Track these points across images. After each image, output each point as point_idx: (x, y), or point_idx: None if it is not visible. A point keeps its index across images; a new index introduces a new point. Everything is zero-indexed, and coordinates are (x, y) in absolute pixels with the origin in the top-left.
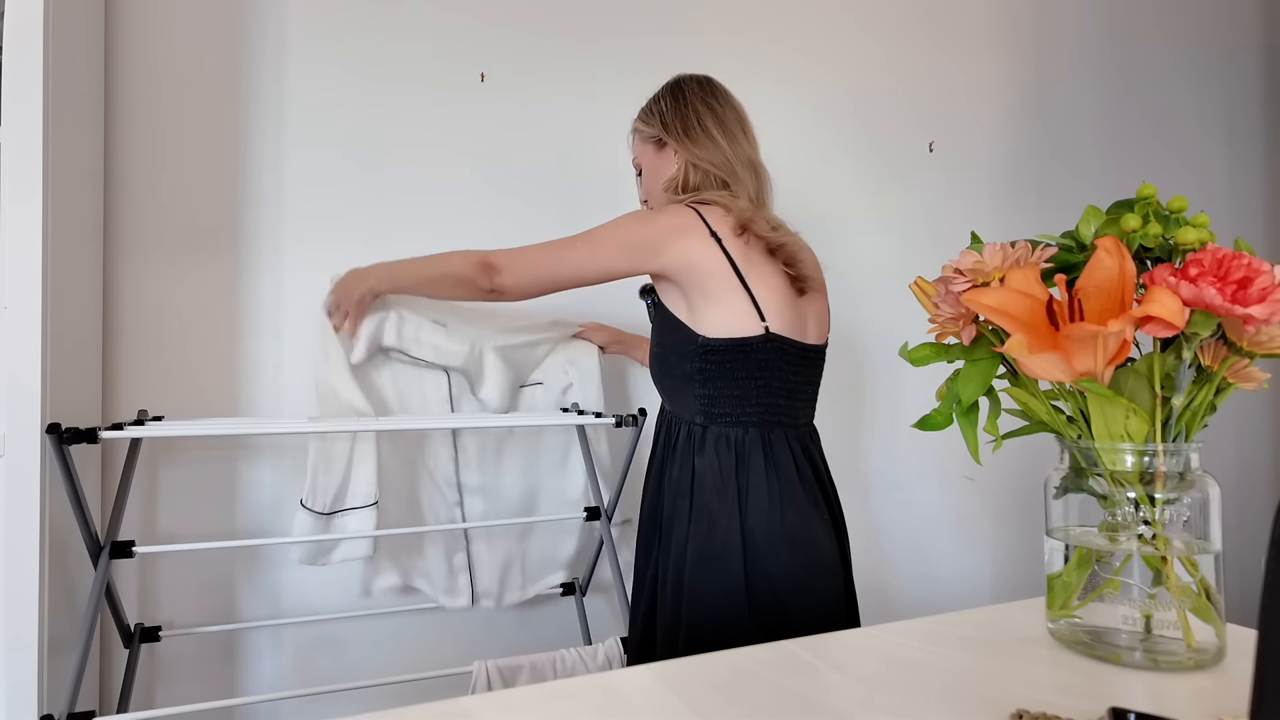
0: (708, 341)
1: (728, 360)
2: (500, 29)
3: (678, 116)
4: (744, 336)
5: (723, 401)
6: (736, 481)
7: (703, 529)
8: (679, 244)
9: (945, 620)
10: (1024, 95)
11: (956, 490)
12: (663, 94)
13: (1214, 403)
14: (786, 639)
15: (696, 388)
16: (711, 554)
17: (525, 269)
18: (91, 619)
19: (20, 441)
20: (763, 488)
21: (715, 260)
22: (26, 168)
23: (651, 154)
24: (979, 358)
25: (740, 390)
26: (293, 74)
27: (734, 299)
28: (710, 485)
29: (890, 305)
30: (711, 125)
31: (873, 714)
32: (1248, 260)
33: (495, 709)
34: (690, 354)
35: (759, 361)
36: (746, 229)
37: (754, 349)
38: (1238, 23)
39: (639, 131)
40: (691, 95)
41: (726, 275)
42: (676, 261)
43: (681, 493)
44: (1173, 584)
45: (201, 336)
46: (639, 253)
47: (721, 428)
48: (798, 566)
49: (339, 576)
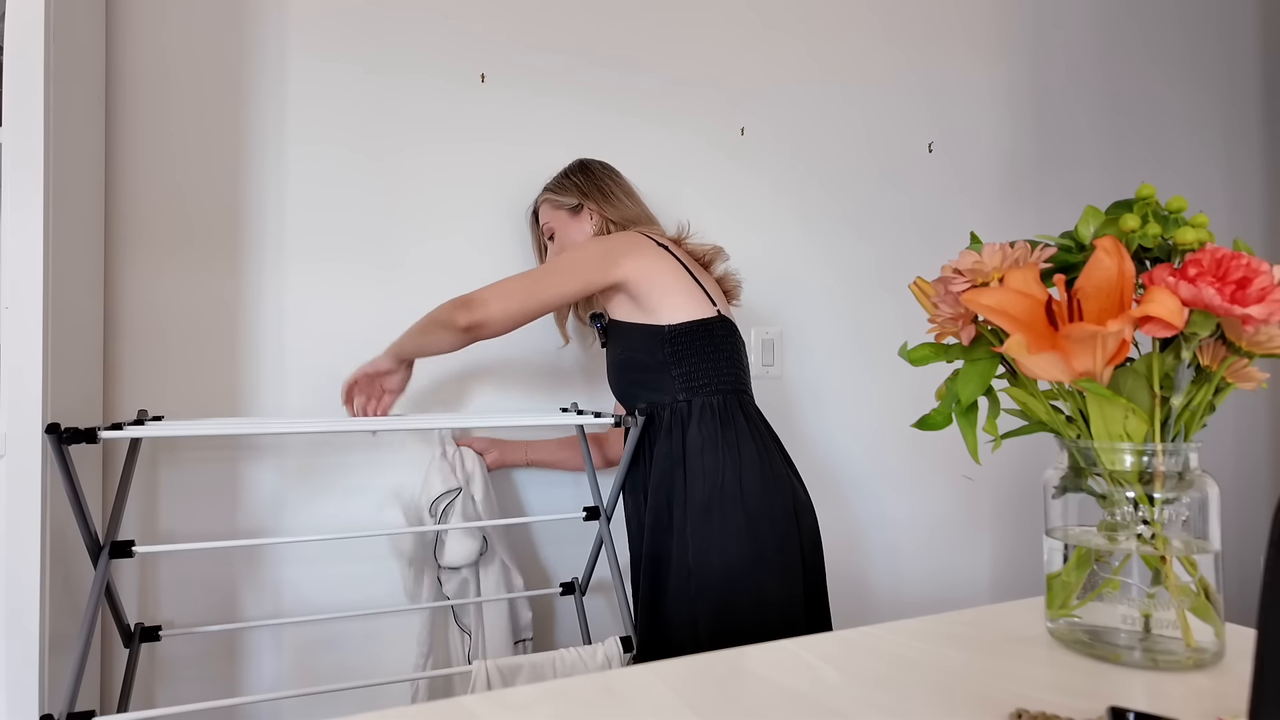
0: (674, 327)
1: (694, 339)
2: (501, 29)
3: (591, 184)
4: (703, 318)
5: (698, 375)
6: (725, 440)
7: (699, 486)
8: (636, 251)
9: (944, 619)
10: (1023, 95)
11: (956, 490)
12: (571, 171)
13: (1213, 403)
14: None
15: (673, 368)
16: (712, 504)
17: (509, 299)
18: (91, 618)
19: (21, 441)
20: (749, 442)
21: (668, 261)
22: (28, 168)
23: (566, 219)
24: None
25: (710, 363)
26: (293, 74)
27: (689, 290)
28: (702, 447)
29: (890, 305)
30: (619, 192)
31: (872, 714)
32: (1246, 260)
33: (495, 708)
34: (660, 343)
35: (719, 338)
36: (679, 243)
37: (713, 327)
38: (1237, 23)
39: (552, 201)
40: (598, 170)
41: (679, 271)
42: (637, 266)
43: (675, 461)
44: (1172, 583)
45: (202, 336)
46: (606, 262)
47: (704, 398)
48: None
49: (339, 576)
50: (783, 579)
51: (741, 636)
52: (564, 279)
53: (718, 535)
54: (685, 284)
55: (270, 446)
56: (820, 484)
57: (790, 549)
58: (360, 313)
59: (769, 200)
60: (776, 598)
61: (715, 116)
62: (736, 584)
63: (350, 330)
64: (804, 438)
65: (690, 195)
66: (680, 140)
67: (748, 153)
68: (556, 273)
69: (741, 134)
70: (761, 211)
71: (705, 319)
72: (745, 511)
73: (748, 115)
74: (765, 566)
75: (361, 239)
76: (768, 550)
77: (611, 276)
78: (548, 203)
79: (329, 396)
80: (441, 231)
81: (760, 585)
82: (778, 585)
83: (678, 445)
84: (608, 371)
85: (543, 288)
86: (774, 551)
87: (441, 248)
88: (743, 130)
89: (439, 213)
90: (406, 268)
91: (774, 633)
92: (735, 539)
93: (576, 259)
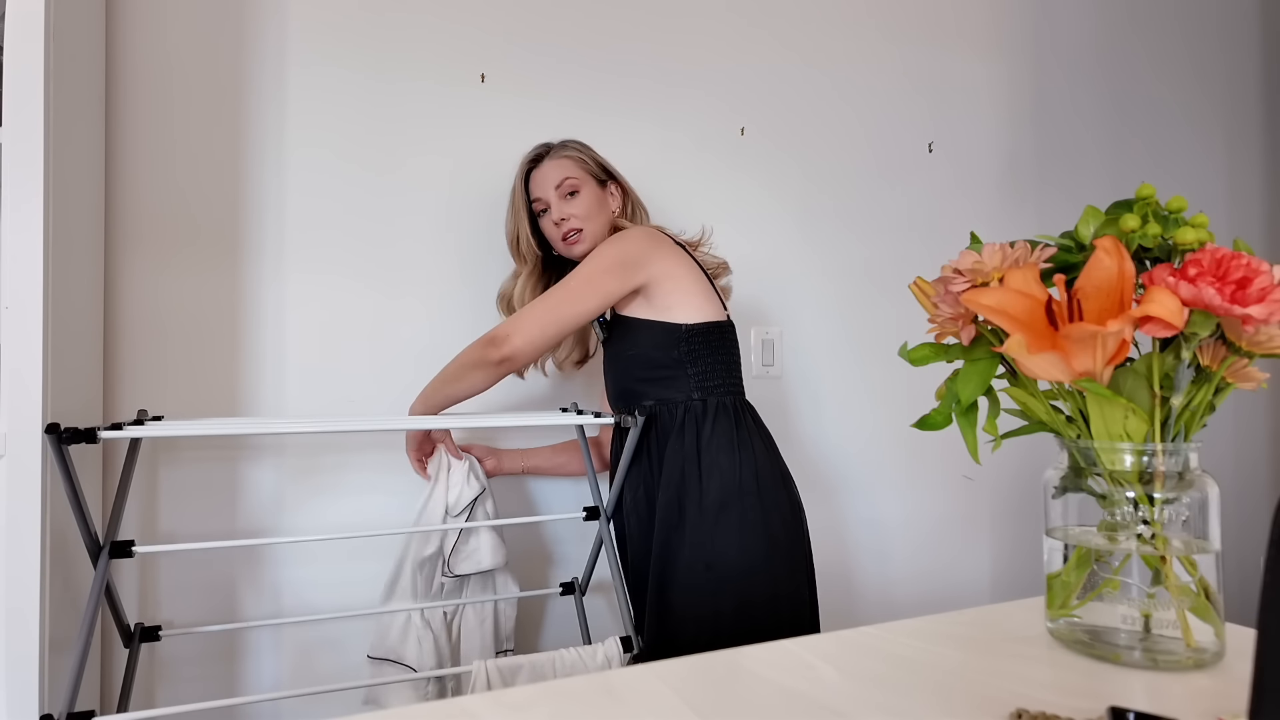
0: (691, 327)
1: (709, 340)
2: (501, 30)
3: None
4: (716, 320)
5: (713, 375)
6: (739, 439)
7: (715, 483)
8: (656, 253)
9: (944, 619)
10: (1023, 95)
11: (956, 490)
12: (584, 146)
13: (1213, 403)
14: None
15: (689, 367)
16: (729, 501)
17: (532, 326)
18: (91, 618)
19: (21, 441)
20: (759, 441)
21: (687, 263)
22: (28, 168)
23: (594, 186)
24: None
25: (723, 365)
26: (294, 74)
27: (705, 292)
28: (717, 446)
29: (890, 305)
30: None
31: (872, 713)
32: (1246, 260)
33: (495, 708)
34: (676, 340)
35: (729, 341)
36: (695, 247)
37: (725, 330)
38: (1237, 22)
39: (580, 160)
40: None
41: (698, 274)
42: (658, 268)
43: (689, 459)
44: (1172, 583)
45: (202, 336)
46: (627, 270)
47: (718, 398)
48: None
49: (339, 577)
50: (792, 573)
51: (762, 631)
52: (583, 298)
53: (736, 532)
54: (703, 285)
55: (270, 446)
56: (820, 483)
57: (798, 544)
58: (360, 313)
59: (769, 199)
60: (787, 591)
61: (715, 116)
62: (755, 580)
63: (350, 330)
64: (804, 437)
65: (690, 195)
66: (680, 140)
67: (748, 153)
68: (574, 292)
69: (741, 134)
70: (761, 211)
71: (719, 321)
72: (762, 508)
73: (748, 115)
74: (780, 561)
75: (361, 239)
76: (782, 546)
77: (634, 282)
78: (572, 159)
79: (329, 396)
80: (441, 231)
81: (775, 579)
82: (789, 578)
83: (691, 443)
84: (607, 366)
85: (563, 311)
86: (786, 547)
87: (441, 247)
88: (743, 130)
89: (439, 212)
90: (406, 267)
91: (785, 626)
92: (754, 534)
93: (593, 274)
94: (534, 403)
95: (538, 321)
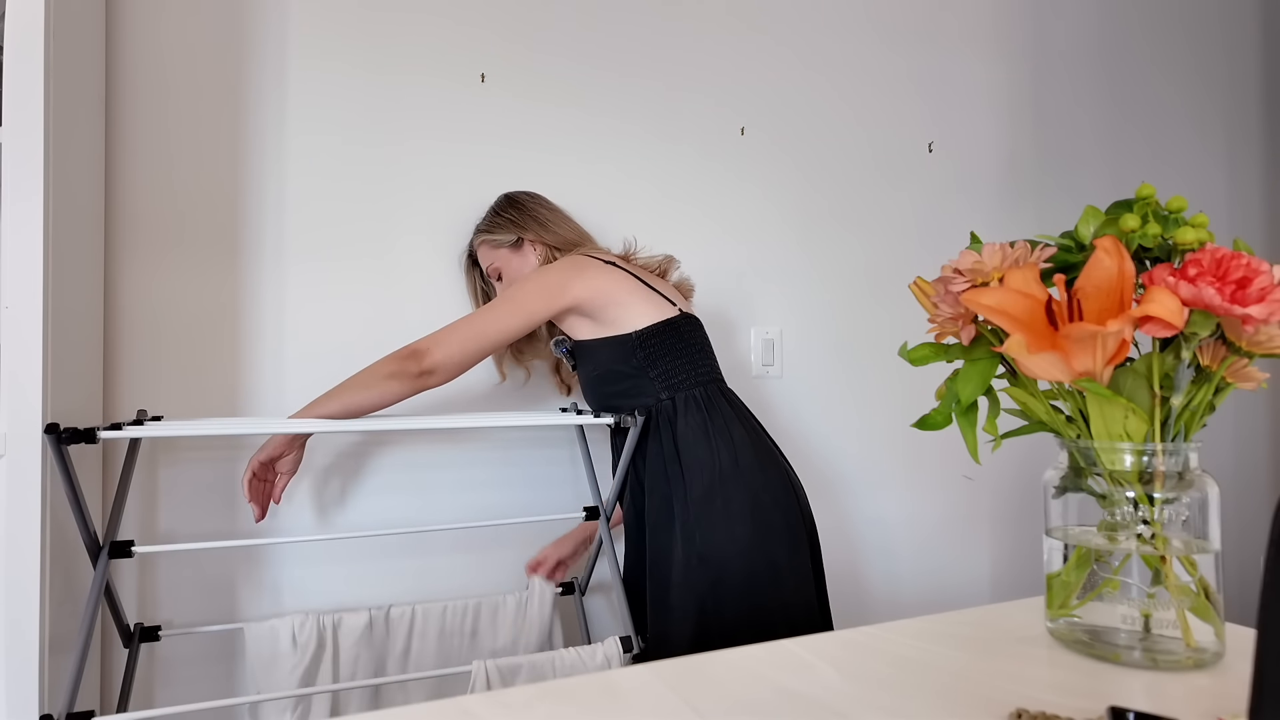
0: (640, 332)
1: (664, 339)
2: (500, 30)
3: (525, 215)
4: (667, 318)
5: (676, 372)
6: (715, 428)
7: (697, 477)
8: (581, 274)
9: (944, 619)
10: (1023, 95)
11: (956, 490)
12: (500, 208)
13: (1213, 402)
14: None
15: (649, 370)
16: (713, 490)
17: (454, 343)
18: (91, 618)
19: (21, 441)
20: (738, 426)
21: (618, 276)
22: (27, 168)
23: (509, 256)
24: (978, 358)
25: (685, 359)
26: (294, 73)
27: (645, 296)
28: (693, 440)
29: (890, 305)
30: (554, 218)
31: (872, 713)
32: (1246, 260)
33: (495, 707)
34: (629, 350)
35: (686, 333)
36: (627, 259)
37: (679, 325)
38: (1237, 21)
39: (491, 242)
40: (527, 200)
41: (632, 283)
42: (586, 288)
43: (669, 458)
44: (1171, 583)
45: (201, 336)
46: (551, 291)
47: (686, 392)
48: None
49: (339, 577)
50: (793, 550)
51: (767, 614)
52: (506, 317)
53: (723, 518)
54: (639, 292)
55: None
56: (820, 483)
57: (794, 522)
58: (360, 312)
59: (769, 199)
60: (790, 569)
61: (715, 116)
62: (753, 562)
63: (350, 330)
64: (804, 437)
65: (690, 195)
66: (680, 140)
67: (748, 152)
68: (498, 311)
69: (741, 134)
70: (761, 211)
71: (669, 319)
72: (748, 491)
73: (747, 115)
74: (776, 540)
75: (361, 238)
76: (775, 525)
77: (559, 304)
78: (486, 244)
79: None
80: (441, 231)
81: (774, 559)
82: (790, 556)
83: (669, 443)
84: (583, 391)
85: (486, 329)
86: (781, 526)
87: (440, 248)
88: (743, 130)
89: (438, 212)
90: (405, 267)
91: (793, 607)
92: (741, 519)
93: (517, 295)
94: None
95: (460, 338)
